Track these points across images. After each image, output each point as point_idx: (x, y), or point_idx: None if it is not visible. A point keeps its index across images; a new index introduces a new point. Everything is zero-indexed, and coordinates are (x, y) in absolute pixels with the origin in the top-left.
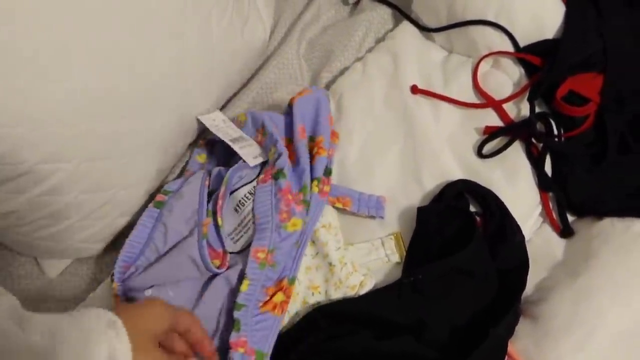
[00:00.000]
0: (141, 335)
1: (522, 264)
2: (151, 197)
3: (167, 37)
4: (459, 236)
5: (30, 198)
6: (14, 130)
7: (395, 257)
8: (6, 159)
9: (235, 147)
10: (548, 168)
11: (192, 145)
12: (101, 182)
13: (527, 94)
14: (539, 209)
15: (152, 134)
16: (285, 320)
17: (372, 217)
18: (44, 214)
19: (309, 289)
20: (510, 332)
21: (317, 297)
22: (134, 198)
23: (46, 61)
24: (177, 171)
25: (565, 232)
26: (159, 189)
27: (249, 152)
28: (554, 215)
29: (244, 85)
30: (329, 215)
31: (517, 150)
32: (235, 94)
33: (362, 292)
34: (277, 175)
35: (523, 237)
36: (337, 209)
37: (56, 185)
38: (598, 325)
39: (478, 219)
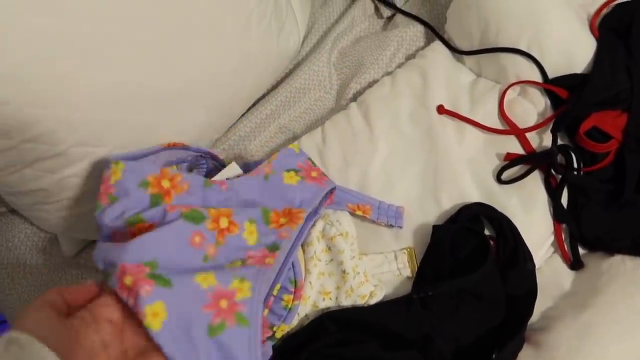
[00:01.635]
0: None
1: (530, 292)
2: None
3: (207, 35)
4: (471, 258)
5: (60, 178)
6: (55, 111)
7: (407, 272)
8: (44, 138)
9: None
10: (564, 200)
11: (219, 141)
12: None
13: (551, 125)
14: (551, 239)
15: (182, 127)
16: (294, 322)
17: (390, 226)
18: (70, 194)
19: (320, 294)
20: (513, 357)
21: (327, 303)
22: None
23: (91, 50)
24: None
25: (576, 264)
26: None
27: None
28: (566, 247)
29: (274, 87)
30: (346, 223)
31: (535, 180)
32: (263, 95)
33: (372, 302)
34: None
35: (534, 265)
36: (355, 216)
37: (87, 169)
38: None
39: (491, 242)
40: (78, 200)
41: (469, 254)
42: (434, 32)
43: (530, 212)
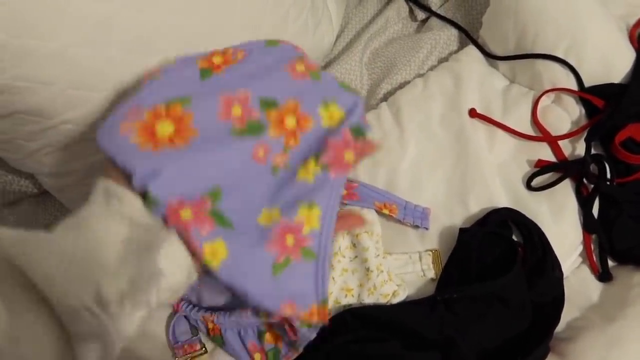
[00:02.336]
0: None
1: (557, 300)
2: None
3: (244, 28)
4: (498, 263)
5: (94, 161)
6: (98, 94)
7: (431, 273)
8: (84, 120)
9: None
10: (595, 211)
11: None
12: None
13: (584, 134)
14: (580, 249)
15: None
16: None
17: (416, 226)
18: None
19: (343, 290)
20: None
21: (350, 300)
22: None
23: (141, 37)
24: None
25: (604, 276)
26: None
27: None
28: (594, 258)
29: None
30: (373, 222)
31: (566, 188)
32: None
33: (394, 301)
34: None
35: (562, 273)
36: (381, 215)
37: None
38: None
39: (519, 249)
40: None
41: (496, 259)
42: (468, 36)
43: (560, 220)
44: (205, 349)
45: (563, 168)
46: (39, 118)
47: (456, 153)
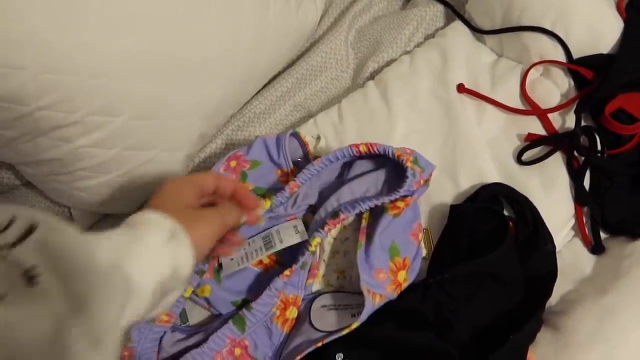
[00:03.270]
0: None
1: (550, 273)
2: (190, 161)
3: (226, 10)
4: (489, 238)
5: (75, 148)
6: (72, 78)
7: (423, 252)
8: (60, 106)
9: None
10: (586, 183)
11: (233, 117)
12: (145, 140)
13: (574, 106)
14: (572, 222)
15: (198, 101)
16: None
17: None
18: (85, 165)
19: (334, 272)
20: (531, 338)
21: (341, 282)
22: (175, 161)
23: (111, 19)
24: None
25: (597, 248)
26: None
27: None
28: (587, 231)
29: (290, 65)
30: None
31: (557, 161)
32: (279, 73)
33: None
34: None
35: (554, 247)
36: None
37: (103, 138)
38: (620, 344)
39: (511, 224)
40: (93, 170)
41: (487, 235)
42: (455, 11)
43: (551, 193)
44: None
45: (553, 141)
46: (13, 105)
47: (445, 129)
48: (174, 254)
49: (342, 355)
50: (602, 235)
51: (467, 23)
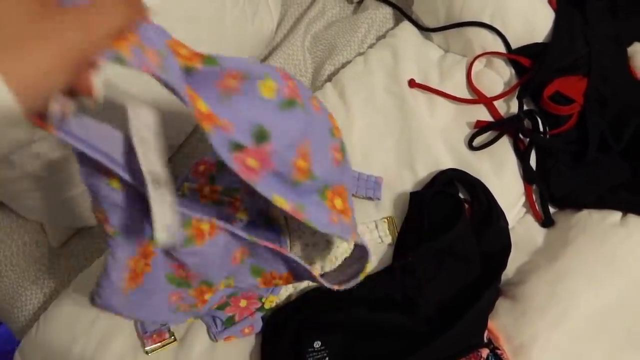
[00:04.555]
0: None
1: (504, 247)
2: None
3: (183, 20)
4: (447, 220)
5: (48, 161)
6: None
7: (388, 239)
8: None
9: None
10: (533, 162)
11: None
12: None
13: (516, 93)
14: (523, 199)
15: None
16: (283, 294)
17: (369, 199)
18: (59, 178)
19: (306, 264)
20: (490, 305)
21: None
22: None
23: None
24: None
25: (547, 222)
26: None
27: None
28: (537, 206)
29: None
30: None
31: (505, 144)
32: None
33: None
34: None
35: (507, 223)
36: None
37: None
38: (572, 305)
39: (466, 205)
40: (66, 184)
41: (445, 217)
42: (402, 12)
43: (502, 175)
44: (175, 337)
45: (500, 126)
46: None
47: (400, 123)
48: None
49: (319, 342)
50: (551, 209)
51: (414, 23)
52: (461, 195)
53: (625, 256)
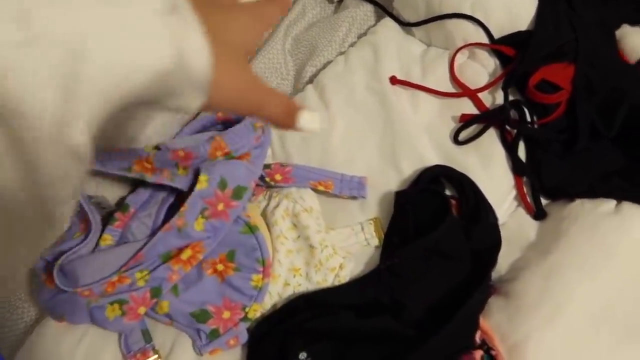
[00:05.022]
0: (224, 45)
1: (494, 244)
2: None
3: None
4: (434, 218)
5: None
6: None
7: (375, 241)
8: None
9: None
10: (522, 154)
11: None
12: None
13: (501, 83)
14: (514, 193)
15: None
16: (267, 302)
17: (354, 197)
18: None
19: (290, 271)
20: (481, 305)
21: (298, 279)
22: None
23: None
24: None
25: (539, 214)
26: None
27: None
28: (528, 199)
29: None
30: (310, 200)
31: (492, 137)
32: None
33: (342, 274)
34: None
35: (496, 218)
36: (319, 192)
37: None
38: (566, 300)
39: (453, 201)
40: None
41: (432, 215)
42: (383, 9)
43: (490, 168)
44: (159, 354)
45: (485, 118)
46: None
47: (383, 121)
48: (175, 34)
49: (305, 353)
50: (543, 201)
51: (395, 18)
52: (448, 192)
53: (620, 245)
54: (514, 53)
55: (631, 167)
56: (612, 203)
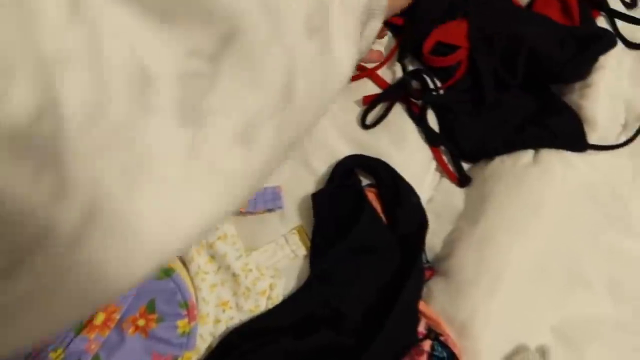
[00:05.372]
0: None
1: (420, 225)
2: None
3: None
4: (354, 214)
5: None
6: None
7: (302, 251)
8: None
9: None
10: (435, 124)
11: None
12: None
13: (397, 56)
14: (434, 164)
15: None
16: (201, 346)
17: (271, 210)
18: None
19: (219, 307)
20: (417, 293)
21: (230, 312)
22: None
23: None
24: None
25: (463, 180)
26: None
27: None
28: (450, 168)
29: None
30: (223, 225)
31: (400, 114)
32: None
33: (274, 294)
34: None
35: (418, 197)
36: (233, 214)
37: None
38: (503, 267)
39: (373, 190)
40: None
41: (351, 211)
42: None
43: (404, 146)
44: None
45: (388, 95)
46: None
47: None
48: None
49: None
50: (465, 166)
51: None
52: (367, 181)
53: (544, 196)
54: (402, 22)
55: (541, 112)
56: (530, 153)
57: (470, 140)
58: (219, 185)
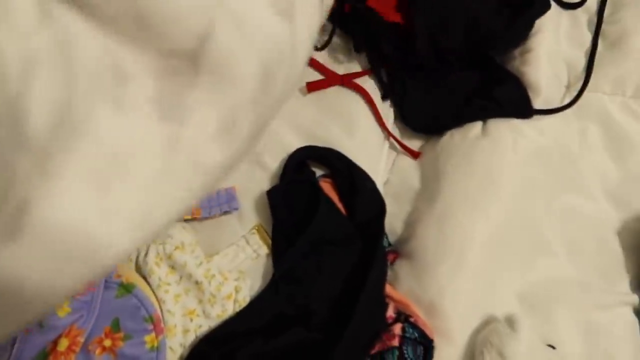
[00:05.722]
0: None
1: (379, 210)
2: None
3: None
4: (310, 207)
5: None
6: None
7: (263, 250)
8: None
9: None
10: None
11: None
12: None
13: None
14: (386, 146)
15: None
16: (172, 358)
17: (227, 212)
18: None
19: (186, 316)
20: (382, 280)
21: (198, 321)
22: None
23: None
24: None
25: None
26: None
27: None
28: (405, 144)
29: None
30: (179, 234)
31: (346, 99)
32: None
33: (240, 297)
34: None
35: (373, 183)
36: (190, 222)
37: None
38: (466, 243)
39: (328, 180)
40: None
41: (308, 204)
42: None
43: (355, 132)
44: None
45: (328, 79)
46: None
47: None
48: None
49: None
50: (417, 143)
51: None
52: (321, 172)
53: (496, 167)
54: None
55: (486, 83)
56: (478, 125)
57: (420, 117)
58: (198, 178)
